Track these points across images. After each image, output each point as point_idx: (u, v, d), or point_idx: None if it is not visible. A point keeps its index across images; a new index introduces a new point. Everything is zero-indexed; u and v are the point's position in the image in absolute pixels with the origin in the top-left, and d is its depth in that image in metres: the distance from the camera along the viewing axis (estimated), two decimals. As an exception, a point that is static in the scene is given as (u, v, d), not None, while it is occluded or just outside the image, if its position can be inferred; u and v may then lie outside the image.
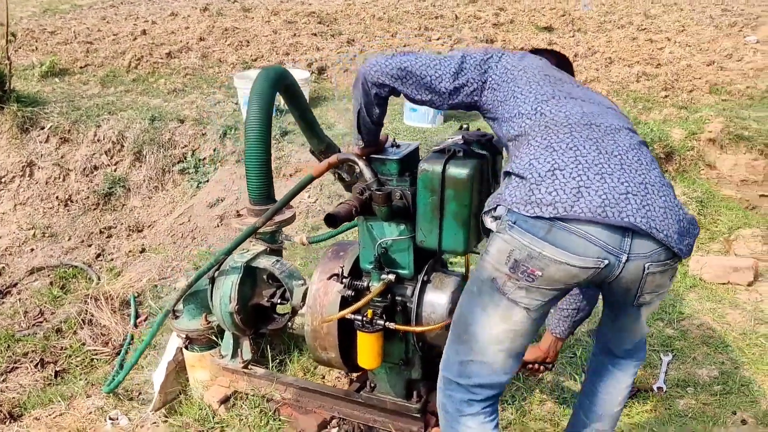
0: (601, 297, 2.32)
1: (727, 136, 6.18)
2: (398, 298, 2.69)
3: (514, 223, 1.90)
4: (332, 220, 2.42)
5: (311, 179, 2.77)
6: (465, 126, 2.67)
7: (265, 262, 3.14)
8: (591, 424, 2.40)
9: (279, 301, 3.14)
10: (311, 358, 3.25)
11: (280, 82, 3.19)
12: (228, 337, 3.23)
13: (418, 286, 2.67)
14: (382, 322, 2.60)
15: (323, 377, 3.32)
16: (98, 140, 6.69)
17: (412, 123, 6.72)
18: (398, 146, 2.63)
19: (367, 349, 2.62)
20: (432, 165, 2.37)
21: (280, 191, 3.18)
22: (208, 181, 6.36)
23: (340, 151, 3.63)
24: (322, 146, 3.50)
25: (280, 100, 4.95)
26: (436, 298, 2.66)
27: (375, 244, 2.63)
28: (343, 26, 10.13)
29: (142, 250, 5.90)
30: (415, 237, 2.53)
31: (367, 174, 2.51)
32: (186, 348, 3.36)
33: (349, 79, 7.93)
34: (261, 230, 3.05)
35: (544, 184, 1.88)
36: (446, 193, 2.38)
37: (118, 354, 4.68)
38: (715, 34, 10.30)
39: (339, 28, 9.91)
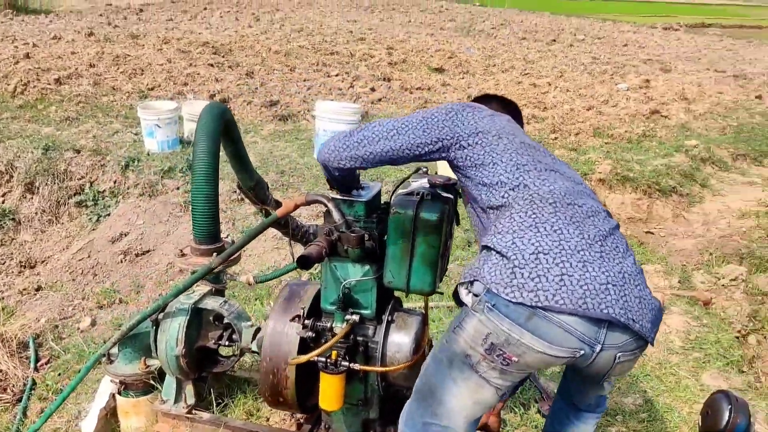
0: None
1: (615, 177, 6.69)
2: (360, 339, 2.69)
3: (494, 306, 1.90)
4: (305, 261, 2.41)
5: (275, 219, 2.75)
6: (424, 169, 2.74)
7: (212, 303, 3.06)
8: None
9: (226, 343, 3.06)
10: (261, 400, 3.19)
11: (223, 118, 3.16)
12: (170, 381, 3.10)
13: (384, 326, 2.70)
14: (346, 363, 2.60)
15: (267, 419, 3.25)
16: (-17, 169, 6.24)
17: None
18: (363, 188, 2.67)
19: (331, 390, 2.60)
20: (404, 208, 2.42)
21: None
22: (109, 215, 6.06)
23: (268, 188, 3.62)
24: (252, 182, 3.46)
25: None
26: (401, 338, 2.69)
27: (339, 285, 2.64)
28: (240, 58, 10.05)
29: (38, 288, 5.52)
30: (383, 277, 2.56)
31: (336, 216, 2.53)
32: (119, 393, 3.20)
33: (252, 112, 7.87)
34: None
35: (527, 267, 1.88)
36: (417, 235, 2.43)
37: (19, 401, 4.34)
38: (590, 80, 11.12)
39: (236, 60, 9.83)
